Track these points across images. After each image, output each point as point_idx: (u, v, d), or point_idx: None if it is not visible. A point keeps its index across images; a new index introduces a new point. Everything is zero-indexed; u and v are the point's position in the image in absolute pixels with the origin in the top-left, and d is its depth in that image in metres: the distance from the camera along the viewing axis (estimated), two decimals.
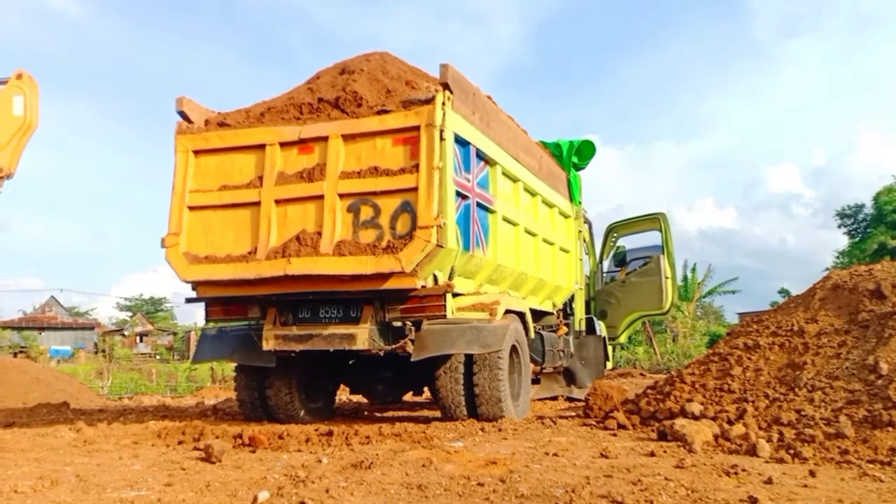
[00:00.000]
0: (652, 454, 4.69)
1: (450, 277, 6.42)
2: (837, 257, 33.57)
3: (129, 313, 62.33)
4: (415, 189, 6.05)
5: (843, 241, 35.08)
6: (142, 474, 4.35)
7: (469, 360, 6.71)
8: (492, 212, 7.14)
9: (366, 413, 9.02)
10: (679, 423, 5.23)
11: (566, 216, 9.89)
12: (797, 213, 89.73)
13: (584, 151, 10.39)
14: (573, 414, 7.40)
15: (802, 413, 5.11)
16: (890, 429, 4.56)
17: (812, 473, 4.01)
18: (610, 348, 11.21)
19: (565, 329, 9.77)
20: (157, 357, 47.15)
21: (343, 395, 10.61)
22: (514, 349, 7.11)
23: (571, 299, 10.27)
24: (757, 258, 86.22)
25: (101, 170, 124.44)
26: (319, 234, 6.23)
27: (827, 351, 5.84)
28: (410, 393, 9.58)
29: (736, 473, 4.00)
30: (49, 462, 4.92)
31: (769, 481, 3.79)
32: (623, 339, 12.24)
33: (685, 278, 32.89)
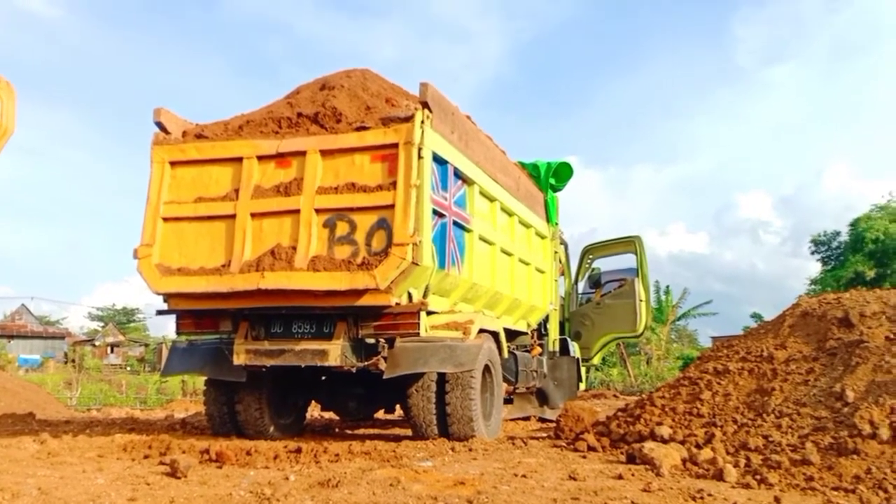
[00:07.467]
0: (620, 477, 4.69)
1: (424, 295, 6.41)
2: (811, 285, 33.50)
3: (101, 323, 61.41)
4: (391, 206, 6.05)
5: (814, 269, 35.12)
6: (105, 488, 4.28)
7: (441, 379, 6.69)
8: (468, 231, 7.16)
9: (337, 430, 8.95)
10: (648, 446, 5.24)
11: (542, 237, 9.94)
12: (766, 239, 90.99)
13: (562, 173, 10.46)
14: (544, 435, 7.40)
15: (770, 439, 5.15)
16: (855, 456, 4.61)
17: (777, 500, 4.03)
18: (583, 369, 11.26)
19: (539, 349, 9.79)
20: (128, 368, 46.45)
21: (314, 411, 10.52)
22: (486, 369, 7.11)
23: (546, 320, 10.31)
24: (728, 283, 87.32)
25: (76, 177, 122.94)
26: (294, 248, 6.20)
27: (795, 378, 5.90)
28: (382, 410, 9.54)
29: (702, 498, 4.01)
30: (10, 474, 4.82)
31: None
32: (597, 360, 12.30)
33: (659, 301, 33.05)
